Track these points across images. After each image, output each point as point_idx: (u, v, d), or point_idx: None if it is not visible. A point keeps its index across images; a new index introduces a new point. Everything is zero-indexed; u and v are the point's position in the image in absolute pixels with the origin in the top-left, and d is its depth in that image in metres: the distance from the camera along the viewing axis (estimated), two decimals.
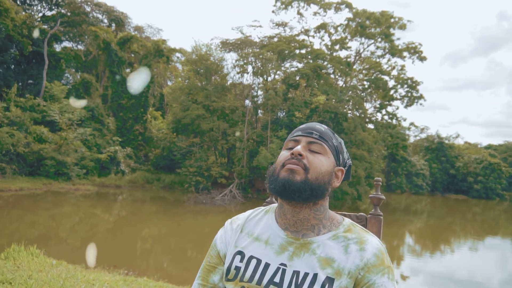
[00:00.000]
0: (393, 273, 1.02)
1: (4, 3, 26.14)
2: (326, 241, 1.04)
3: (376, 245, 1.03)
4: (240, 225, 1.14)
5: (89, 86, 29.57)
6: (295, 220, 1.06)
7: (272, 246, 1.06)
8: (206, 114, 24.25)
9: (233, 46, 27.38)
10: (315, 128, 1.10)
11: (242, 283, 1.03)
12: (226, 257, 1.11)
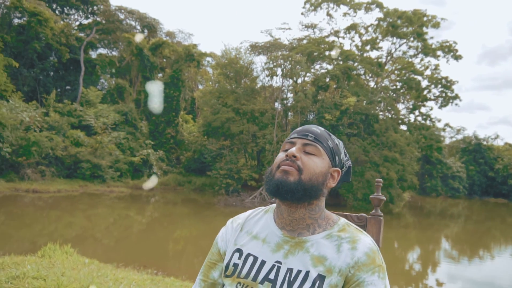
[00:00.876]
0: (384, 272, 1.03)
1: (44, 13, 27.37)
2: (320, 240, 1.07)
3: (368, 244, 1.06)
4: (240, 224, 1.19)
5: (123, 91, 30.45)
6: (290, 219, 1.10)
7: (269, 244, 1.10)
8: (236, 117, 24.44)
9: (262, 49, 27.48)
10: (311, 130, 1.13)
11: (239, 279, 1.08)
12: (226, 254, 1.16)
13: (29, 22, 26.99)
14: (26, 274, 3.76)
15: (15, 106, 20.92)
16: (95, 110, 25.93)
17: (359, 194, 21.19)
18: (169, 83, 29.53)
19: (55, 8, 34.64)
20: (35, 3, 28.73)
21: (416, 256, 14.51)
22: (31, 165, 19.58)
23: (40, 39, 27.48)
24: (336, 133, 22.95)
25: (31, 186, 18.45)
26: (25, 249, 6.94)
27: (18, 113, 20.49)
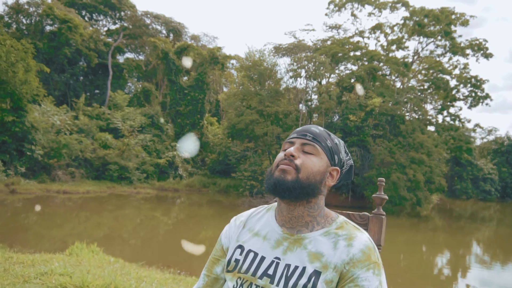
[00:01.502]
0: (379, 269, 1.04)
1: (74, 20, 28.27)
2: (318, 237, 1.10)
3: (364, 241, 1.07)
4: (243, 222, 1.23)
5: (149, 94, 31.04)
6: (290, 217, 1.13)
7: (269, 241, 1.13)
8: (260, 119, 24.50)
9: (286, 50, 27.46)
10: (310, 130, 1.16)
11: (240, 274, 1.11)
12: (228, 250, 1.20)
13: (60, 29, 27.93)
14: (54, 271, 3.91)
15: (47, 110, 21.67)
16: (122, 113, 26.54)
17: None
18: (194, 85, 29.91)
19: (85, 14, 35.71)
20: (66, 11, 29.72)
21: (445, 260, 14.12)
22: (61, 167, 20.22)
23: (70, 45, 28.38)
24: (361, 134, 22.67)
25: (61, 187, 19.05)
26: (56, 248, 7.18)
27: (49, 117, 21.22)
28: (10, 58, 16.94)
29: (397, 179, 20.34)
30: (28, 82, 17.87)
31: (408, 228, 19.17)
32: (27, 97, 18.31)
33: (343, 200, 22.92)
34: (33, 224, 13.39)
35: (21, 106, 18.27)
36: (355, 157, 21.98)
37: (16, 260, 4.61)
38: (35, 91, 18.94)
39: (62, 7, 30.51)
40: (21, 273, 3.80)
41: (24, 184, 17.70)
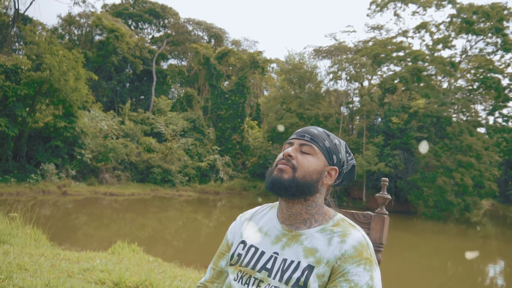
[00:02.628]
0: (371, 265, 1.07)
1: (120, 29, 29.52)
2: (314, 233, 1.14)
3: (358, 238, 1.10)
4: (247, 219, 1.30)
5: (191, 99, 31.77)
6: (289, 214, 1.18)
7: (270, 237, 1.19)
8: (300, 122, 24.41)
9: (326, 53, 27.21)
10: (308, 131, 1.20)
11: (240, 267, 1.17)
12: (233, 245, 1.26)
13: (107, 38, 29.26)
14: (95, 267, 4.14)
15: (95, 115, 22.74)
16: (165, 118, 27.33)
17: (430, 201, 20.09)
18: (234, 90, 30.29)
19: (131, 23, 37.21)
20: (113, 21, 31.10)
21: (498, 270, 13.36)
22: (108, 170, 21.12)
23: (117, 53, 29.65)
24: (404, 137, 22.01)
25: (108, 190, 19.88)
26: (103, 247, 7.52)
27: (97, 122, 22.24)
28: (62, 67, 17.92)
29: (443, 183, 19.56)
30: (78, 90, 18.82)
31: (455, 234, 18.37)
32: (77, 103, 19.29)
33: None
34: (83, 225, 14.05)
35: (72, 113, 19.29)
36: (398, 160, 21.36)
37: (63, 257, 4.89)
38: (85, 98, 19.92)
39: (110, 17, 31.96)
40: (66, 269, 4.04)
41: (74, 186, 18.65)
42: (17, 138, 18.02)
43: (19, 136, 18.05)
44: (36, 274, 3.57)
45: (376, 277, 1.07)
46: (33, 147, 18.86)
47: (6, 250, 4.68)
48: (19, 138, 18.14)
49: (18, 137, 17.97)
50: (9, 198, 13.37)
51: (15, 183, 16.85)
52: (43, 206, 15.02)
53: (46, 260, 4.44)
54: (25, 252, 4.83)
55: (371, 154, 21.35)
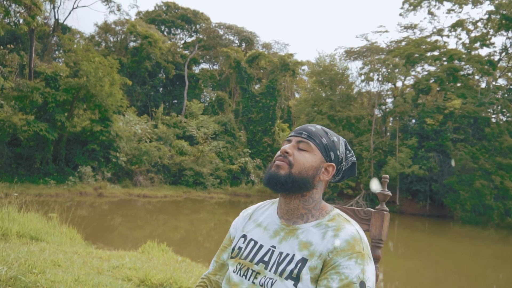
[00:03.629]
0: (363, 259, 1.08)
1: (153, 35, 30.31)
2: (310, 228, 1.17)
3: (351, 232, 1.12)
4: (249, 214, 1.35)
5: (222, 103, 32.14)
6: (287, 209, 1.22)
7: (269, 231, 1.23)
8: (331, 124, 24.18)
9: (357, 54, 26.86)
10: (305, 128, 1.24)
11: (240, 260, 1.22)
12: (234, 239, 1.32)
13: (141, 44, 30.12)
14: (124, 265, 4.29)
15: (130, 120, 23.42)
16: (197, 121, 27.77)
17: (467, 205, 19.38)
18: (265, 93, 30.40)
19: (164, 29, 38.13)
20: (147, 27, 31.98)
21: None
22: (142, 172, 21.68)
23: (150, 59, 30.46)
24: (439, 138, 21.36)
25: (142, 192, 20.40)
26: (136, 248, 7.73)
27: (132, 126, 22.90)
28: (98, 73, 18.61)
29: (481, 186, 18.82)
30: (113, 95, 19.47)
31: (495, 240, 17.63)
32: (112, 108, 19.96)
33: (420, 208, 21.72)
34: (117, 225, 14.47)
35: (107, 117, 19.97)
36: (433, 163, 20.74)
37: (95, 255, 5.09)
38: (119, 103, 20.57)
39: (143, 24, 32.88)
40: (97, 266, 4.21)
41: (109, 188, 19.26)
42: (57, 142, 18.82)
43: (59, 140, 18.85)
44: (68, 270, 3.74)
45: (369, 271, 1.08)
46: (71, 150, 19.64)
47: (42, 248, 4.92)
48: (59, 142, 18.94)
49: (57, 141, 18.77)
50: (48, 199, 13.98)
51: (54, 185, 17.60)
52: (80, 207, 15.60)
53: (78, 258, 4.64)
54: (60, 249, 5.06)
55: (405, 156, 20.85)
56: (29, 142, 18.07)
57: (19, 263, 3.50)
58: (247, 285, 1.15)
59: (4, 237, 5.50)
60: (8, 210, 6.50)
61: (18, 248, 4.55)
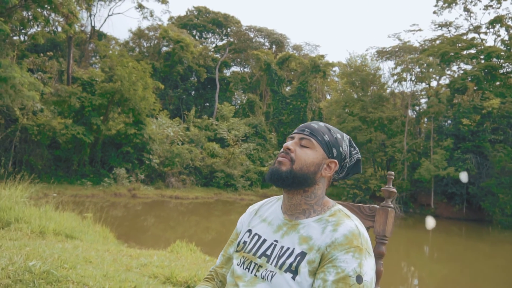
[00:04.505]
0: (361, 253, 1.09)
1: (185, 40, 30.90)
2: (311, 223, 1.20)
3: (350, 227, 1.13)
4: (255, 210, 1.38)
5: (253, 105, 32.31)
6: (289, 205, 1.25)
7: (272, 226, 1.27)
8: (363, 126, 23.83)
9: (390, 54, 26.34)
10: (308, 126, 1.26)
11: (244, 254, 1.26)
12: (240, 234, 1.36)
13: (173, 49, 30.77)
14: (152, 263, 4.42)
15: (162, 123, 23.95)
16: (228, 123, 28.04)
17: (507, 208, 18.58)
18: (295, 95, 30.33)
19: (195, 34, 38.77)
20: (179, 32, 32.63)
21: None
22: (174, 174, 22.11)
23: (182, 63, 31.05)
24: (476, 139, 20.59)
25: (174, 193, 20.80)
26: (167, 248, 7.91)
27: (164, 129, 23.41)
28: (132, 78, 19.17)
29: None
30: (146, 99, 20.00)
31: None
32: (145, 111, 20.49)
33: (456, 211, 21.00)
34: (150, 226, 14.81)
35: (140, 120, 20.51)
36: (470, 165, 20.02)
37: (125, 253, 5.26)
38: (152, 106, 21.10)
39: (176, 29, 33.57)
40: (126, 263, 4.35)
41: (143, 189, 19.75)
42: (93, 145, 19.51)
43: (95, 143, 19.53)
44: (98, 266, 3.89)
45: (366, 265, 1.09)
46: (107, 153, 20.29)
47: (76, 245, 5.13)
48: (95, 145, 19.62)
49: (93, 143, 19.45)
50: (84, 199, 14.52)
51: (90, 186, 18.24)
52: (114, 207, 16.09)
53: (109, 255, 4.81)
54: (93, 247, 5.26)
55: (440, 158, 20.24)
56: (67, 145, 18.82)
57: (53, 259, 3.67)
58: (250, 277, 1.19)
59: (41, 234, 5.77)
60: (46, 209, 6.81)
61: (53, 245, 4.77)
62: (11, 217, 6.09)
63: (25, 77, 13.32)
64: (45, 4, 14.19)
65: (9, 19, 14.42)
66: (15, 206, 6.58)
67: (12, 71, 12.57)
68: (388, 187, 1.35)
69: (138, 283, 3.33)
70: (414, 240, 16.04)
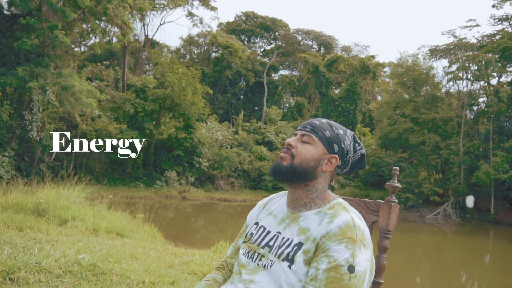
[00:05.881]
0: (354, 244, 1.12)
1: (234, 45, 31.47)
2: (311, 215, 1.26)
3: (345, 219, 1.17)
4: (264, 204, 1.46)
5: (301, 108, 32.19)
6: (292, 198, 1.32)
7: (277, 219, 1.34)
8: (415, 127, 22.95)
9: (443, 52, 25.22)
10: (310, 122, 1.33)
11: (249, 244, 1.34)
12: (248, 226, 1.44)
13: (222, 54, 31.43)
14: (194, 261, 4.59)
15: (211, 127, 24.53)
16: (276, 127, 28.13)
17: None
18: (345, 97, 29.84)
19: (244, 39, 39.35)
20: (227, 37, 33.30)
21: None
22: (223, 177, 22.55)
23: (231, 68, 31.63)
24: None
25: (223, 196, 21.21)
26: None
27: (213, 133, 23.96)
28: (182, 83, 19.85)
29: None
30: (195, 103, 20.61)
31: None
32: (195, 116, 21.12)
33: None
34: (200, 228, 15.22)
35: (190, 125, 21.16)
36: None
37: (170, 251, 5.49)
38: (201, 111, 21.69)
39: (224, 34, 34.28)
40: (169, 260, 4.55)
41: (193, 192, 20.32)
42: (146, 149, 20.37)
43: (147, 147, 20.39)
44: (142, 262, 4.11)
45: (360, 256, 1.11)
46: (159, 156, 21.11)
47: (124, 242, 5.43)
48: (147, 149, 20.48)
49: (146, 147, 20.31)
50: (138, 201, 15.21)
51: (143, 188, 19.06)
52: (165, 209, 16.69)
53: (155, 253, 5.04)
54: (140, 245, 5.54)
55: (500, 160, 19.02)
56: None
57: (101, 253, 3.93)
58: (253, 266, 1.26)
59: (94, 232, 6.16)
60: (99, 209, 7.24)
61: (104, 242, 5.09)
62: (68, 215, 6.55)
63: (83, 85, 14.24)
64: (102, 17, 15.09)
65: (70, 32, 15.48)
66: (72, 205, 7.07)
67: (72, 80, 13.48)
68: (393, 182, 1.37)
69: (176, 278, 3.49)
70: (472, 248, 15.21)
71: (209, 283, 1.40)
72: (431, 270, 11.45)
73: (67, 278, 3.04)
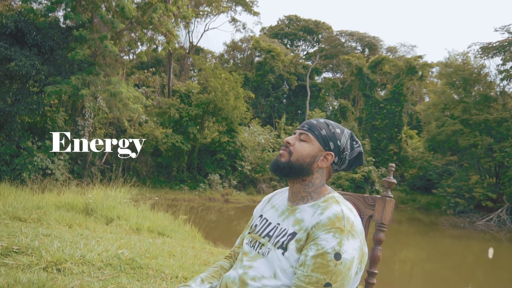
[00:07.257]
0: (342, 234, 1.20)
1: (276, 49, 31.66)
2: (306, 208, 1.35)
3: (335, 211, 1.26)
4: (269, 198, 1.58)
5: (345, 111, 31.76)
6: (291, 192, 1.42)
7: (278, 211, 1.45)
8: (465, 129, 21.95)
9: (497, 49, 23.92)
10: (308, 122, 1.42)
11: (253, 234, 1.45)
12: (254, 219, 1.56)
13: (265, 58, 31.70)
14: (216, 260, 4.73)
15: (254, 130, 24.78)
16: None
17: None
18: (390, 98, 29.10)
19: (286, 42, 39.44)
20: (270, 42, 33.54)
21: None
22: (265, 180, 22.69)
23: (274, 72, 31.80)
24: None
25: None
26: None
27: (256, 137, 24.19)
28: (224, 88, 20.25)
29: None
30: (238, 108, 20.94)
31: None
32: (237, 120, 21.46)
33: None
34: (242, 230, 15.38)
35: (233, 129, 21.53)
36: None
37: (208, 251, 5.67)
38: (244, 115, 21.99)
39: (267, 39, 34.56)
40: (205, 259, 4.72)
41: (235, 195, 20.61)
42: (190, 152, 20.95)
43: (192, 151, 20.96)
44: (178, 259, 4.30)
45: (347, 245, 1.19)
46: (202, 160, 21.62)
47: (164, 241, 5.68)
48: (191, 152, 21.05)
49: (190, 151, 20.89)
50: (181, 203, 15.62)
51: (188, 191, 19.59)
52: (209, 211, 17.06)
53: (192, 251, 5.24)
54: (179, 244, 5.76)
55: None
56: (167, 153, 20.49)
57: (140, 250, 4.16)
58: (254, 254, 1.38)
59: (137, 230, 6.47)
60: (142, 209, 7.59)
61: (144, 240, 5.36)
62: (114, 215, 6.94)
63: (130, 91, 14.93)
64: (148, 26, 15.77)
65: (119, 41, 16.29)
66: (118, 205, 7.47)
67: (120, 87, 14.18)
68: (389, 177, 1.42)
69: None
70: None
71: (216, 269, 1.54)
72: (485, 280, 10.90)
73: (107, 270, 3.28)
